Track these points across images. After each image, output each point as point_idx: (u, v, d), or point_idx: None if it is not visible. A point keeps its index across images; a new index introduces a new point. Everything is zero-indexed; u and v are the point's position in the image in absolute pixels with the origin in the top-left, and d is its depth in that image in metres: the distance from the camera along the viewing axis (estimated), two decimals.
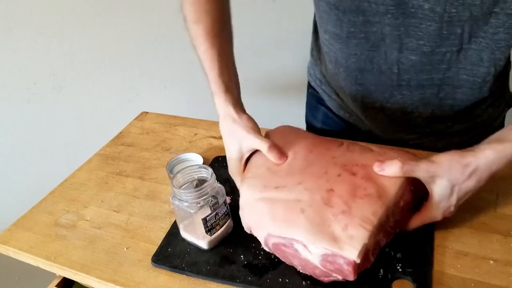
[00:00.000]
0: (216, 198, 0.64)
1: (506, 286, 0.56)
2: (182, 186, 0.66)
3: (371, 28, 0.69)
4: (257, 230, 0.62)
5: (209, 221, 0.64)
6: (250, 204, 0.64)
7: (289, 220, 0.58)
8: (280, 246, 0.59)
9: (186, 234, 0.68)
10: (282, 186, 0.62)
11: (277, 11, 1.53)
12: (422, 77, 0.73)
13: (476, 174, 0.57)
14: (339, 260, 0.55)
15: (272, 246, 0.60)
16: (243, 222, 0.65)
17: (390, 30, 0.68)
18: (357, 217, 0.56)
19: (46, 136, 1.52)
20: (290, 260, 0.60)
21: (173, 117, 1.02)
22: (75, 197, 0.81)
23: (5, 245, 0.73)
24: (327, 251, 0.55)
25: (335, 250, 0.54)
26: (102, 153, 0.93)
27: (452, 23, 0.65)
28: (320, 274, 0.58)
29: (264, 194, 0.63)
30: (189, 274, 0.63)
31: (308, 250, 0.56)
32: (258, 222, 0.62)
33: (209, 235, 0.65)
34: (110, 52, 1.47)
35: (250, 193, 0.64)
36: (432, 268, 0.59)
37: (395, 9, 0.65)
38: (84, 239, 0.72)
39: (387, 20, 0.67)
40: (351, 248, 0.54)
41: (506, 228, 0.64)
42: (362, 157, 0.64)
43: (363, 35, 0.71)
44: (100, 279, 0.65)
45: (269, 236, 0.60)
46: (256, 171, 0.67)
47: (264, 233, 0.60)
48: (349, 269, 0.54)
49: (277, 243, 0.59)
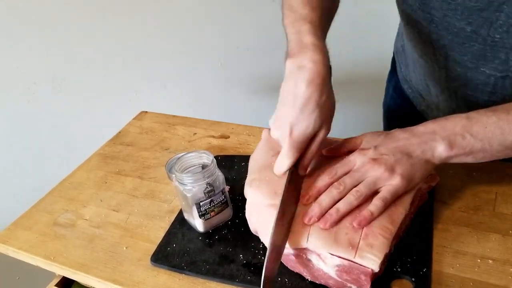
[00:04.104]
0: (212, 186, 0.65)
1: (504, 285, 0.56)
2: (187, 169, 0.68)
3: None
4: (266, 236, 0.60)
5: (203, 207, 0.65)
6: (259, 208, 0.61)
7: (304, 230, 0.57)
8: (290, 255, 0.58)
9: (185, 214, 0.70)
10: None
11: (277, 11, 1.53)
12: (467, 93, 0.72)
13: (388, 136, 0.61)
14: (356, 270, 0.54)
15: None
16: (250, 224, 0.64)
17: (436, 37, 0.69)
18: (376, 226, 0.56)
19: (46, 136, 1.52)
20: (300, 270, 0.59)
21: (172, 116, 1.02)
22: (74, 197, 0.81)
23: (5, 244, 0.73)
24: (343, 261, 0.54)
25: (356, 259, 0.53)
26: (101, 153, 0.93)
27: (497, 48, 0.63)
28: (334, 284, 0.56)
29: (275, 200, 0.60)
30: (189, 273, 0.63)
31: (322, 260, 0.55)
32: (268, 229, 0.59)
33: (203, 220, 0.66)
34: (110, 52, 1.47)
35: (259, 197, 0.62)
36: (431, 267, 0.59)
37: (436, 27, 0.66)
38: (83, 239, 0.72)
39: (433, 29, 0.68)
40: (372, 257, 0.53)
41: (505, 228, 0.64)
42: None
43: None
44: (100, 278, 0.65)
45: None
46: (262, 175, 0.65)
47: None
48: (367, 279, 0.54)
49: (287, 253, 0.58)
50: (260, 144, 0.72)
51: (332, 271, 0.55)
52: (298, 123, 0.57)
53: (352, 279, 0.55)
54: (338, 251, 0.54)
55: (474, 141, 0.57)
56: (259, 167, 0.67)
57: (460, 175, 0.73)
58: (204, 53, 1.58)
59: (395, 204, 0.59)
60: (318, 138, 0.60)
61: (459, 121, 0.59)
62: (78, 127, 1.55)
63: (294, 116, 0.57)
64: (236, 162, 0.82)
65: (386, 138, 0.61)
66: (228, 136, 0.93)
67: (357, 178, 0.59)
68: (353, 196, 0.58)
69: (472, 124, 0.58)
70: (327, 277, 0.56)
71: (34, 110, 1.46)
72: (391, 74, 1.01)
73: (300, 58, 0.58)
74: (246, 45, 1.60)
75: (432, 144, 0.59)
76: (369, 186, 0.58)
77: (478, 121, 0.58)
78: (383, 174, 0.58)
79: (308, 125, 0.58)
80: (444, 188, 0.71)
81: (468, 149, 0.58)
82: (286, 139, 0.58)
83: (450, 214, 0.67)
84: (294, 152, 0.59)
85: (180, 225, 0.71)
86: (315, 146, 0.60)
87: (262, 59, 1.59)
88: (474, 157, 0.59)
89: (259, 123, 0.96)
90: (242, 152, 0.88)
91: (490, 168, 0.74)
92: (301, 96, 0.57)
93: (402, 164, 0.59)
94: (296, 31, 0.62)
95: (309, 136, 0.59)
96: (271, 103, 1.41)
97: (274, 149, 0.68)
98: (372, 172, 0.59)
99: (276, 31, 1.70)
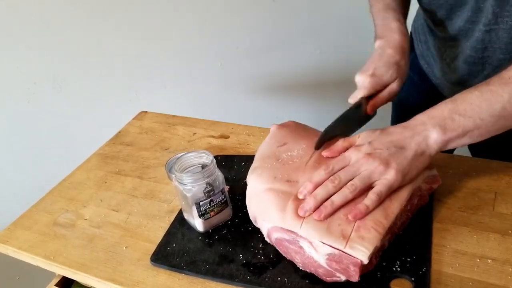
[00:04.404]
0: (211, 185, 0.65)
1: (504, 285, 0.56)
2: (186, 169, 0.68)
3: None
4: (262, 221, 0.62)
5: (203, 206, 0.65)
6: (259, 193, 0.63)
7: (299, 215, 0.58)
8: (284, 241, 0.59)
9: (185, 214, 0.70)
10: (294, 181, 0.62)
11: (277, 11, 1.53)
12: (467, 53, 0.77)
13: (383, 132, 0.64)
14: (345, 260, 0.54)
15: (275, 240, 0.60)
16: (249, 211, 0.65)
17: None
18: (369, 220, 0.56)
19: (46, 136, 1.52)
20: (292, 256, 0.60)
21: (172, 116, 1.02)
22: (74, 196, 0.82)
23: (5, 244, 0.73)
24: (334, 250, 0.55)
25: (346, 249, 0.54)
26: (101, 153, 0.93)
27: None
28: (323, 273, 0.57)
29: (274, 185, 0.62)
30: (188, 273, 0.63)
31: (314, 248, 0.56)
32: (265, 212, 0.61)
33: (203, 219, 0.66)
34: (110, 52, 1.47)
35: (259, 182, 0.63)
36: (430, 267, 0.59)
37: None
38: (83, 238, 0.72)
39: None
40: (362, 249, 0.54)
41: (504, 227, 0.64)
42: None
43: None
44: (99, 278, 0.65)
45: (273, 229, 0.60)
46: (264, 163, 0.66)
47: (269, 225, 0.60)
48: (355, 269, 0.54)
49: (281, 238, 0.59)
50: (267, 137, 0.73)
51: (323, 260, 0.56)
52: (379, 68, 0.69)
53: (341, 269, 0.55)
54: (329, 240, 0.55)
55: (464, 120, 0.59)
56: (263, 156, 0.68)
57: (460, 175, 0.73)
58: (204, 53, 1.58)
59: (391, 199, 0.59)
60: (391, 87, 0.70)
61: (445, 106, 0.61)
62: (78, 127, 1.55)
63: (377, 63, 0.69)
64: (235, 162, 0.82)
65: (380, 134, 0.63)
66: (228, 136, 0.93)
67: (352, 173, 0.60)
68: (348, 190, 0.59)
69: (457, 105, 0.60)
70: (317, 266, 0.57)
71: (34, 110, 1.46)
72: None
73: (387, 38, 0.72)
74: (246, 45, 1.60)
75: (425, 133, 0.60)
76: (364, 180, 0.59)
77: (463, 100, 0.60)
78: (377, 168, 0.59)
79: (386, 72, 0.69)
80: (443, 188, 0.71)
81: (461, 129, 0.59)
82: (368, 77, 0.68)
83: (449, 214, 0.67)
84: (370, 86, 0.68)
85: (180, 225, 0.71)
86: (386, 93, 0.70)
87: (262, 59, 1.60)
88: (470, 136, 0.60)
89: (259, 123, 0.96)
90: (242, 152, 0.88)
91: (490, 168, 0.74)
92: (386, 54, 0.70)
93: (397, 157, 0.60)
94: (382, 17, 0.76)
95: (384, 81, 0.69)
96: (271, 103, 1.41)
97: (280, 141, 0.69)
98: (366, 166, 0.60)
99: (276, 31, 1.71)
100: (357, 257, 0.54)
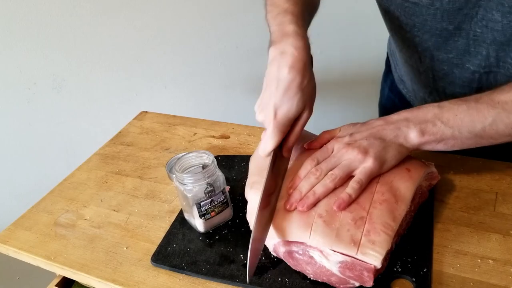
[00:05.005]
0: (212, 186, 0.65)
1: (505, 285, 0.56)
2: (187, 169, 0.68)
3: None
4: (267, 237, 0.60)
5: (203, 207, 0.65)
6: None
7: (306, 225, 0.57)
8: (293, 253, 0.58)
9: (185, 214, 0.70)
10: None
11: None
12: (455, 91, 0.75)
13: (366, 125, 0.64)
14: (359, 266, 0.54)
15: (284, 254, 0.59)
16: (251, 225, 0.64)
17: (419, 41, 0.72)
18: (378, 223, 0.56)
19: (46, 136, 1.52)
20: (302, 267, 0.59)
21: (172, 116, 1.02)
22: (75, 197, 0.81)
23: (5, 244, 0.73)
24: (346, 258, 0.54)
25: (358, 256, 0.54)
26: (101, 153, 0.93)
27: (478, 43, 0.66)
28: (336, 281, 0.57)
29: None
30: (189, 273, 0.63)
31: (325, 257, 0.55)
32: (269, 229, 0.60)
33: (203, 220, 0.66)
34: (110, 52, 1.47)
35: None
36: (431, 267, 0.59)
37: (418, 31, 0.69)
38: (84, 239, 0.72)
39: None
40: (374, 253, 0.53)
41: (505, 227, 0.64)
42: None
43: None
44: (100, 279, 0.65)
45: (279, 243, 0.59)
46: (262, 177, 0.63)
47: (274, 241, 0.59)
48: (369, 275, 0.54)
49: (290, 250, 0.58)
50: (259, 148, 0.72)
51: (335, 268, 0.55)
52: (281, 105, 0.59)
53: (355, 276, 0.55)
54: (340, 247, 0.55)
55: (445, 128, 0.59)
56: (260, 169, 0.67)
57: (461, 175, 0.73)
58: (204, 53, 1.58)
59: (396, 201, 0.59)
60: (301, 120, 0.62)
61: (431, 110, 0.61)
62: (78, 127, 1.55)
63: (277, 99, 0.59)
64: (236, 162, 0.82)
65: (362, 126, 0.65)
66: (229, 136, 0.93)
67: (333, 163, 0.62)
68: (328, 179, 0.60)
69: (443, 112, 0.60)
70: (330, 274, 0.56)
71: (34, 110, 1.46)
72: (386, 75, 1.02)
73: (282, 44, 0.59)
74: (246, 45, 1.60)
75: (405, 130, 0.61)
76: (343, 169, 0.60)
77: (449, 109, 0.60)
78: (356, 156, 0.60)
79: (291, 106, 0.59)
80: (444, 188, 0.71)
81: (439, 135, 0.60)
82: (271, 121, 0.59)
83: (450, 214, 0.67)
84: (278, 133, 0.60)
85: (181, 225, 0.71)
86: (299, 128, 0.62)
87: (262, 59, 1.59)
88: (445, 144, 0.61)
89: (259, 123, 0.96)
90: (243, 152, 0.88)
91: (491, 168, 0.74)
92: (283, 79, 0.58)
93: (375, 147, 0.61)
94: (278, 23, 0.63)
95: (292, 118, 0.61)
96: None
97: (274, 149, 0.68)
98: (346, 156, 0.61)
99: None
100: (370, 263, 0.53)
